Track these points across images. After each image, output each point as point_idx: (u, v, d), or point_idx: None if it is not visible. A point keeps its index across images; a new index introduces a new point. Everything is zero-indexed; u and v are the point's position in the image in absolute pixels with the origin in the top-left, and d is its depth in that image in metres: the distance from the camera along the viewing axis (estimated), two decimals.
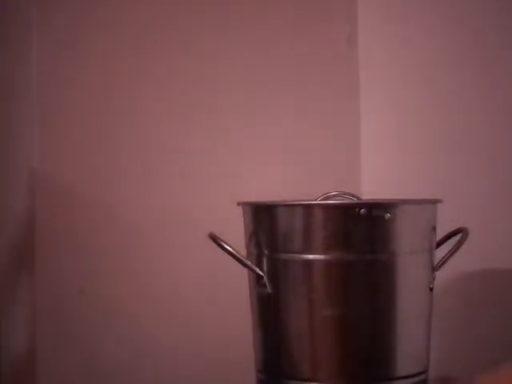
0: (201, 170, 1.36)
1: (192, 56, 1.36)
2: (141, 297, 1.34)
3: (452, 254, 1.08)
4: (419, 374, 1.07)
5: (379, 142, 1.37)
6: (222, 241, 1.07)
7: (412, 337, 1.06)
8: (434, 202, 1.09)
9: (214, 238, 1.07)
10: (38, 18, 1.35)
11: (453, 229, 1.12)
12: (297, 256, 1.04)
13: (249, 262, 1.08)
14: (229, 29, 1.37)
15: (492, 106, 1.34)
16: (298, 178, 1.35)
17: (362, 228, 1.03)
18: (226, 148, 1.36)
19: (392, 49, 1.37)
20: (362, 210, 1.02)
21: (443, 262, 1.08)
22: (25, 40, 1.34)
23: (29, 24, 1.34)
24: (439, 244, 1.12)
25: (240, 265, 1.07)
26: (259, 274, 1.07)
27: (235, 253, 1.07)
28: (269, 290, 1.06)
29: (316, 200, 1.10)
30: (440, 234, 1.12)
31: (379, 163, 1.37)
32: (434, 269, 1.08)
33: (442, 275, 1.09)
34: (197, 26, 1.36)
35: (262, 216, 1.09)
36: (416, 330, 1.07)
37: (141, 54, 1.36)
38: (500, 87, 1.34)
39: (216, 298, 1.32)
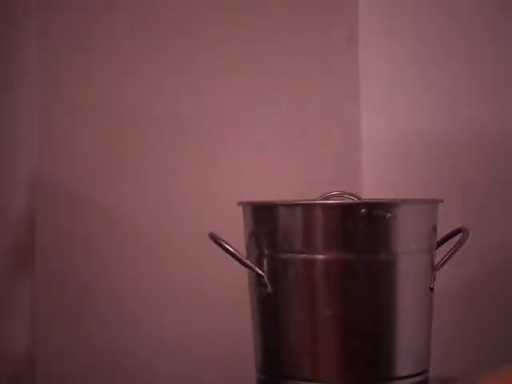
0: (201, 170, 1.36)
1: (193, 57, 1.36)
2: (141, 297, 1.34)
3: (452, 254, 1.08)
4: (419, 373, 1.07)
5: (379, 142, 1.38)
6: (223, 240, 1.07)
7: (412, 337, 1.06)
8: (434, 202, 1.09)
9: (214, 238, 1.07)
10: (37, 18, 1.35)
11: (453, 229, 1.12)
12: (297, 256, 1.04)
13: (249, 262, 1.08)
14: (228, 30, 1.37)
15: (492, 106, 1.34)
16: (298, 178, 1.35)
17: (362, 228, 1.03)
18: (226, 148, 1.36)
19: (393, 48, 1.37)
20: (363, 209, 1.02)
21: (443, 261, 1.08)
22: (25, 38, 1.34)
23: (28, 24, 1.34)
24: (439, 244, 1.12)
25: (240, 264, 1.07)
26: (259, 274, 1.07)
27: (235, 252, 1.07)
28: (269, 289, 1.06)
29: (316, 200, 1.10)
30: (440, 234, 1.12)
31: (379, 163, 1.37)
32: (434, 269, 1.08)
33: (442, 275, 1.09)
34: (196, 25, 1.36)
35: (262, 216, 1.09)
36: (416, 329, 1.07)
37: (143, 54, 1.36)
38: (500, 87, 1.34)
39: (216, 298, 1.32)
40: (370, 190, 1.30)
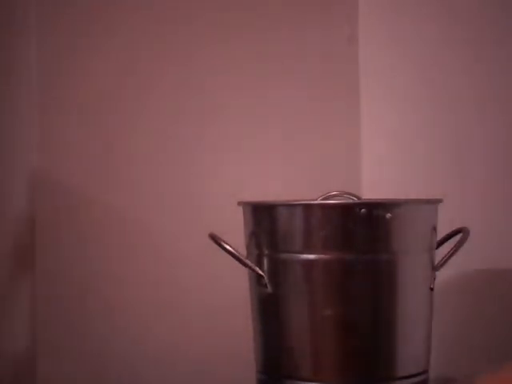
0: (201, 170, 1.35)
1: (193, 57, 1.36)
2: (141, 296, 1.34)
3: (452, 254, 1.08)
4: (419, 374, 1.07)
5: (379, 142, 1.38)
6: (223, 240, 1.07)
7: (412, 337, 1.06)
8: (434, 202, 1.09)
9: (214, 238, 1.07)
10: (37, 17, 1.35)
11: (453, 229, 1.12)
12: (297, 256, 1.04)
13: (249, 262, 1.08)
14: (228, 29, 1.37)
15: (491, 106, 1.34)
16: (298, 178, 1.35)
17: (362, 228, 1.03)
18: (226, 148, 1.36)
19: (393, 48, 1.37)
20: (363, 209, 1.02)
21: (443, 261, 1.08)
22: (25, 38, 1.34)
23: (28, 24, 1.34)
24: (439, 244, 1.12)
25: (240, 265, 1.07)
26: (259, 274, 1.07)
27: (235, 252, 1.07)
28: (269, 289, 1.06)
29: (316, 200, 1.10)
30: (440, 234, 1.12)
31: (379, 163, 1.37)
32: (434, 269, 1.08)
33: (442, 275, 1.09)
34: (196, 25, 1.36)
35: (262, 216, 1.09)
36: (416, 329, 1.07)
37: (143, 54, 1.36)
38: (500, 87, 1.34)
39: (216, 298, 1.32)
40: (370, 190, 1.31)
